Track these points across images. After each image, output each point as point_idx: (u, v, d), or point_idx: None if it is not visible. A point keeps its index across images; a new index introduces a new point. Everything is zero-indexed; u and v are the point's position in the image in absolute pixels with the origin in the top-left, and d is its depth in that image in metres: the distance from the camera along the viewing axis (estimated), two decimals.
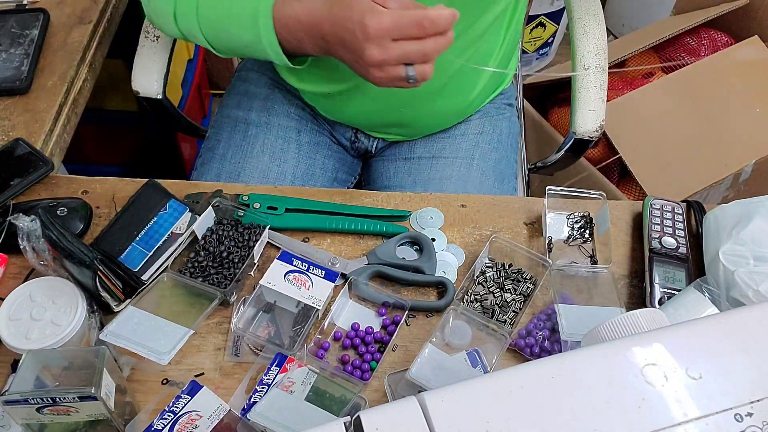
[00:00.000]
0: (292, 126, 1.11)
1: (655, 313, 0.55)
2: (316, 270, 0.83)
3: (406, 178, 1.10)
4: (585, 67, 1.12)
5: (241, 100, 1.14)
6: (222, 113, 1.16)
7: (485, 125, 1.14)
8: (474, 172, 1.09)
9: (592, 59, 1.12)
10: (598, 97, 1.11)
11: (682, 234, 0.88)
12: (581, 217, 0.92)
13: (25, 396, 0.64)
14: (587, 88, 1.11)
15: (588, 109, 1.11)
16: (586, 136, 1.11)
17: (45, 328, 0.73)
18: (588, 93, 1.11)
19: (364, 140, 1.15)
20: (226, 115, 1.14)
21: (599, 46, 1.13)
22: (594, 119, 1.11)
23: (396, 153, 1.14)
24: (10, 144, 0.94)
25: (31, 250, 0.75)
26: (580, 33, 1.15)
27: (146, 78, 1.10)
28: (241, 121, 1.12)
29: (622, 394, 0.45)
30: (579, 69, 1.13)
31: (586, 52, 1.13)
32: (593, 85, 1.11)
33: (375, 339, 0.81)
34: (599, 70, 1.12)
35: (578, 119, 1.11)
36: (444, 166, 1.09)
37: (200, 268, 0.83)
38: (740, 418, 0.43)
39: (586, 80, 1.12)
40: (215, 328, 0.81)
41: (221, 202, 0.88)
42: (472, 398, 0.45)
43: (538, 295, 0.85)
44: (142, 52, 1.11)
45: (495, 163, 1.11)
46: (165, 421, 0.71)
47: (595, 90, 1.11)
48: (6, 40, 1.07)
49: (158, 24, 0.97)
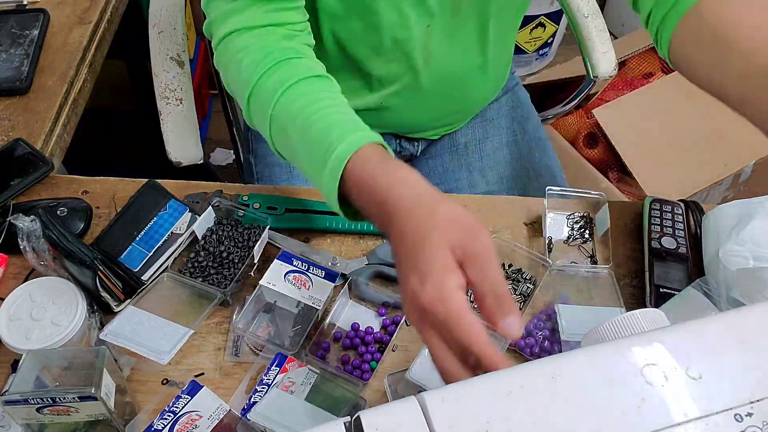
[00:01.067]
0: None
1: (655, 313, 0.55)
2: (316, 270, 0.83)
3: (459, 171, 1.12)
4: (585, 15, 1.18)
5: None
6: (266, 162, 1.09)
7: (512, 99, 1.18)
8: (523, 149, 1.12)
9: (586, 6, 1.18)
10: (604, 39, 1.18)
11: (682, 234, 0.88)
12: (581, 217, 0.92)
13: (25, 396, 0.64)
14: (591, 33, 1.18)
15: (601, 52, 1.17)
16: (606, 75, 1.17)
17: (45, 328, 0.73)
18: (594, 37, 1.17)
19: (408, 146, 1.14)
20: (275, 164, 1.08)
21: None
22: (608, 59, 1.17)
23: (441, 149, 1.15)
24: (10, 144, 0.94)
25: (31, 250, 0.75)
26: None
27: (185, 146, 1.03)
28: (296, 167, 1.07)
29: (622, 394, 0.45)
30: (579, 18, 1.18)
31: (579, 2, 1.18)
32: (597, 29, 1.18)
33: (375, 339, 0.80)
34: (596, 15, 1.18)
35: (595, 63, 1.18)
36: (494, 150, 1.12)
37: (200, 268, 0.83)
38: (740, 418, 0.43)
39: (589, 27, 1.18)
40: (215, 328, 0.81)
41: (221, 202, 0.88)
42: (472, 398, 0.45)
43: (538, 295, 0.85)
44: (168, 120, 1.03)
45: (534, 133, 1.15)
46: (165, 421, 0.71)
47: (599, 33, 1.17)
48: (6, 40, 1.07)
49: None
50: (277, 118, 0.73)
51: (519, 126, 1.15)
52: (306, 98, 0.72)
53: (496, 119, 1.15)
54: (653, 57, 1.73)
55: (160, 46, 1.08)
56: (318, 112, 0.70)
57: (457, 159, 1.13)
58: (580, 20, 1.18)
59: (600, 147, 1.66)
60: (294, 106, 0.72)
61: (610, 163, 1.66)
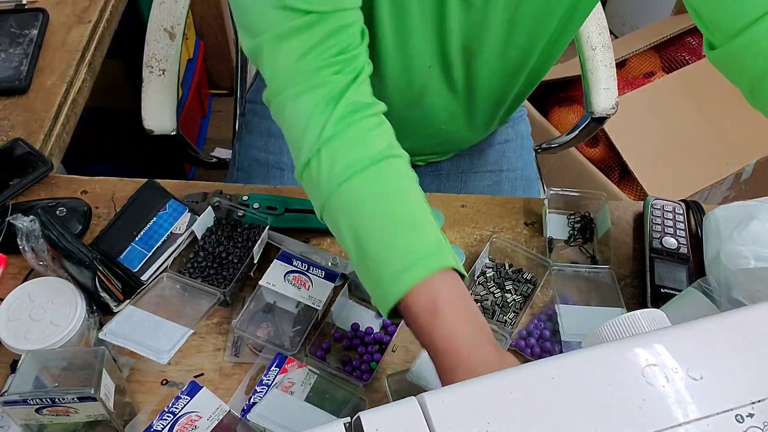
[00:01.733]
0: None
1: (656, 314, 0.54)
2: (316, 270, 0.83)
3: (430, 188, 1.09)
4: (592, 47, 1.14)
5: (268, 141, 1.09)
6: (248, 155, 1.09)
7: (509, 132, 1.14)
8: (504, 185, 1.09)
9: (597, 38, 1.15)
10: (609, 75, 1.14)
11: (682, 234, 0.88)
12: (582, 217, 0.92)
13: (24, 396, 0.64)
14: (597, 67, 1.14)
15: (603, 88, 1.14)
16: (604, 113, 1.14)
17: (44, 328, 0.73)
18: (599, 72, 1.14)
19: None
20: (254, 158, 1.09)
21: (601, 25, 1.16)
22: (609, 96, 1.14)
23: (422, 172, 1.12)
24: (10, 144, 0.94)
25: (31, 250, 0.75)
26: None
27: (159, 115, 1.05)
28: (273, 165, 1.06)
29: (623, 394, 0.44)
30: (587, 50, 1.14)
31: (590, 32, 1.15)
32: (603, 64, 1.14)
33: (375, 339, 0.80)
34: (606, 48, 1.14)
35: (594, 98, 1.13)
36: (475, 181, 1.09)
37: (200, 268, 0.83)
38: (741, 418, 0.43)
39: (595, 60, 1.14)
40: (215, 328, 0.81)
41: (221, 202, 0.88)
42: (472, 398, 0.45)
43: (539, 295, 0.85)
44: (149, 87, 1.05)
45: (522, 170, 1.11)
46: (164, 421, 0.71)
47: (605, 68, 1.14)
48: (5, 39, 1.07)
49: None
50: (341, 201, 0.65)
51: (507, 161, 1.11)
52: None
53: (485, 152, 1.12)
54: (654, 56, 1.73)
55: (158, 16, 1.08)
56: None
57: (437, 184, 1.10)
58: (587, 52, 1.15)
59: (601, 146, 1.66)
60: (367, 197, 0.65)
61: (610, 163, 1.66)
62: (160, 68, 1.07)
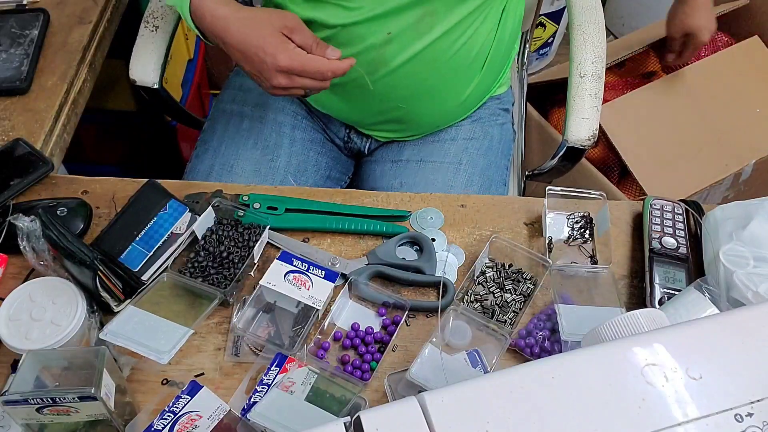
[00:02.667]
0: (287, 121, 1.12)
1: (655, 314, 0.55)
2: (316, 270, 0.83)
3: (392, 181, 1.10)
4: (581, 74, 1.12)
5: (237, 94, 1.15)
6: (218, 107, 1.17)
7: (476, 131, 1.14)
8: (460, 178, 1.08)
9: (589, 67, 1.12)
10: (592, 106, 1.10)
11: (682, 234, 0.88)
12: (581, 217, 0.92)
13: (25, 396, 0.64)
14: (582, 96, 1.11)
15: (581, 117, 1.09)
16: (578, 144, 1.09)
17: (45, 328, 0.73)
18: (582, 101, 1.10)
19: (357, 140, 1.15)
20: (222, 109, 1.15)
21: (597, 54, 1.13)
22: (587, 127, 1.09)
23: (385, 155, 1.14)
24: (10, 144, 0.94)
25: (31, 250, 0.75)
26: (580, 41, 1.15)
27: (143, 67, 1.10)
28: (236, 114, 1.12)
29: (622, 394, 0.45)
30: (575, 77, 1.12)
31: (583, 60, 1.13)
32: (588, 93, 1.11)
33: (375, 339, 0.80)
34: (595, 78, 1.12)
35: (571, 126, 1.09)
36: (431, 170, 1.09)
37: (200, 268, 0.83)
38: (740, 418, 0.43)
39: (582, 88, 1.11)
40: (215, 328, 0.81)
41: (221, 202, 0.88)
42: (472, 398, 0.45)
43: (538, 295, 0.85)
44: (140, 41, 1.11)
45: (483, 169, 1.11)
46: (165, 421, 0.71)
47: (589, 98, 1.10)
48: (6, 40, 1.07)
49: None
50: None
51: (468, 158, 1.11)
52: None
53: (447, 144, 1.12)
54: (653, 57, 1.73)
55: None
56: None
57: (394, 170, 1.11)
58: (575, 79, 1.12)
59: (600, 147, 1.66)
60: None
61: (610, 163, 1.66)
62: (154, 24, 1.11)
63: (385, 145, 1.15)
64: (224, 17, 0.88)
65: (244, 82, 1.16)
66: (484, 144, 1.13)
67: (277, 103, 1.13)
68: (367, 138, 1.15)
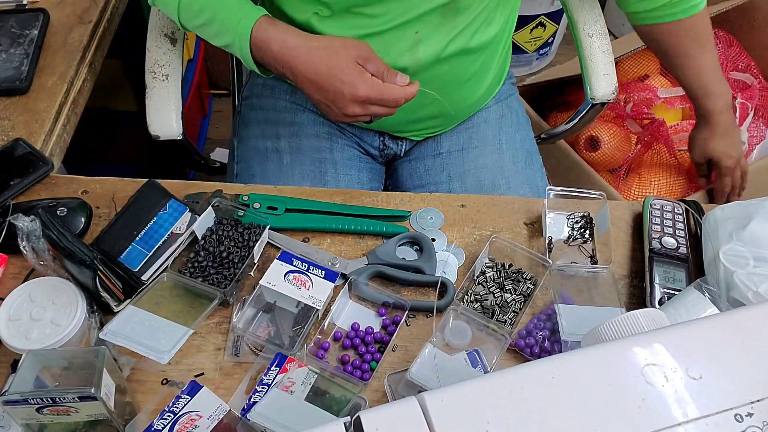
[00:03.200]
0: (324, 146, 1.10)
1: (655, 314, 0.55)
2: (316, 270, 0.83)
3: (439, 174, 1.11)
4: (589, 34, 1.16)
5: (265, 129, 1.12)
6: (246, 146, 1.12)
7: (503, 109, 1.16)
8: (506, 157, 1.11)
9: (593, 26, 1.17)
10: (607, 61, 1.16)
11: (682, 234, 0.88)
12: (581, 217, 0.92)
13: (24, 396, 0.64)
14: (595, 54, 1.16)
15: (601, 74, 1.15)
16: (604, 99, 1.15)
17: (45, 328, 0.73)
18: (597, 59, 1.15)
19: (392, 144, 1.14)
20: (253, 147, 1.11)
21: (596, 13, 1.18)
22: (608, 82, 1.15)
23: (424, 151, 1.14)
24: (10, 144, 0.94)
25: (31, 250, 0.75)
26: (576, 3, 1.18)
27: (165, 120, 1.06)
28: (272, 150, 1.09)
29: (622, 394, 0.45)
30: (584, 38, 1.17)
31: (586, 20, 1.17)
32: (600, 50, 1.16)
33: (375, 339, 0.80)
34: (602, 35, 1.17)
35: (594, 85, 1.15)
36: (476, 156, 1.11)
37: (200, 268, 0.83)
38: (740, 418, 0.43)
39: (593, 47, 1.16)
40: (215, 328, 0.81)
41: (221, 202, 0.88)
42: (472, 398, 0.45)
43: (538, 295, 0.85)
44: (153, 94, 1.07)
45: (521, 143, 1.14)
46: (165, 421, 0.71)
47: (603, 55, 1.15)
48: (6, 40, 1.07)
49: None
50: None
51: (506, 136, 1.13)
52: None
53: (482, 127, 1.14)
54: (649, 58, 1.72)
55: (157, 22, 1.09)
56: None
57: (439, 164, 1.12)
58: (584, 39, 1.16)
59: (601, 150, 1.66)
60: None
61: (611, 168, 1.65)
62: (163, 74, 1.07)
63: (420, 143, 1.15)
64: (296, 47, 0.87)
65: (268, 116, 1.13)
66: (513, 120, 1.16)
67: (311, 129, 1.11)
68: (402, 141, 1.14)
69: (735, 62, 1.70)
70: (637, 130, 1.60)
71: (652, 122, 1.57)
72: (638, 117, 1.60)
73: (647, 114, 1.59)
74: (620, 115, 1.62)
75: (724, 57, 1.69)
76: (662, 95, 1.65)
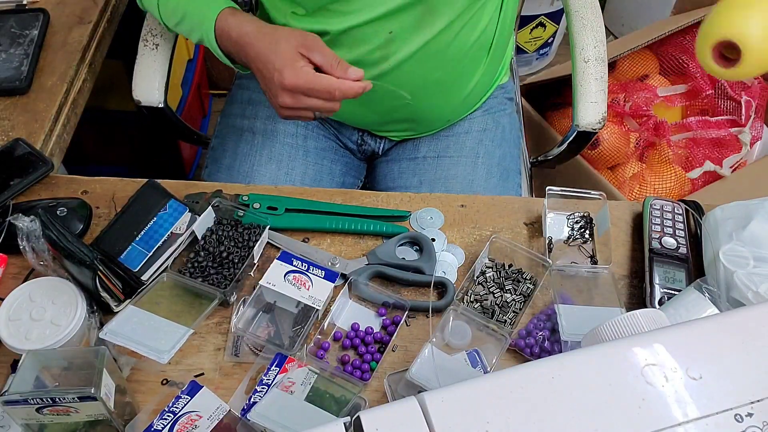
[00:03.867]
0: (299, 132, 1.11)
1: (655, 314, 0.55)
2: (316, 270, 0.83)
3: (411, 179, 1.10)
4: (585, 59, 1.13)
5: (246, 108, 1.14)
6: (226, 122, 1.15)
7: (488, 122, 1.14)
8: (479, 171, 1.09)
9: (592, 51, 1.13)
10: (599, 89, 1.12)
11: (682, 234, 0.88)
12: (581, 217, 0.92)
13: (24, 396, 0.64)
14: (588, 80, 1.12)
15: (590, 102, 1.11)
16: (589, 128, 1.11)
17: (45, 328, 0.73)
18: (589, 85, 1.11)
19: (371, 141, 1.15)
20: (231, 125, 1.14)
21: (598, 38, 1.14)
22: (596, 110, 1.11)
23: (401, 153, 1.14)
24: (10, 144, 0.94)
25: (31, 250, 0.75)
26: (579, 26, 1.15)
27: (147, 87, 1.10)
28: (247, 130, 1.11)
29: (622, 394, 0.45)
30: (579, 62, 1.13)
31: (585, 45, 1.13)
32: (594, 77, 1.12)
33: (375, 339, 0.80)
34: (599, 61, 1.13)
35: (580, 112, 1.11)
36: (449, 165, 1.10)
37: (200, 268, 0.83)
38: (740, 418, 0.43)
39: (587, 72, 1.12)
40: (215, 328, 0.81)
41: (221, 202, 0.88)
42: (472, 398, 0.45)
43: (538, 295, 0.85)
44: (141, 60, 1.10)
45: (499, 159, 1.12)
46: (165, 421, 0.71)
47: (595, 82, 1.12)
48: (6, 40, 1.07)
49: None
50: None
51: (485, 150, 1.11)
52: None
53: (462, 137, 1.13)
54: (648, 58, 1.72)
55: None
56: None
57: (413, 168, 1.12)
58: (579, 64, 1.13)
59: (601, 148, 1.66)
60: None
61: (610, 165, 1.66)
62: (154, 43, 1.10)
63: (399, 144, 1.15)
64: (248, 33, 0.88)
65: (252, 96, 1.15)
66: (498, 134, 1.14)
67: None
68: (380, 139, 1.14)
69: None
70: (636, 128, 1.61)
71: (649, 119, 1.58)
72: (637, 115, 1.60)
73: (646, 112, 1.59)
74: (619, 114, 1.62)
75: None
76: (662, 93, 1.65)
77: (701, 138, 1.61)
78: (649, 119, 1.59)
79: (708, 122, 1.63)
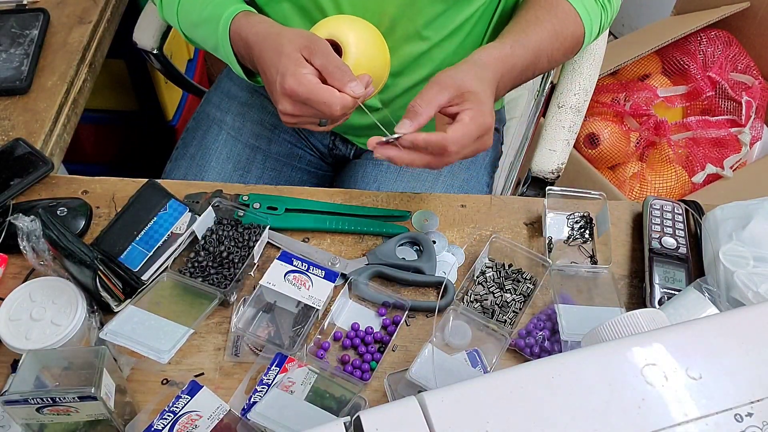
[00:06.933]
0: (264, 135, 1.11)
1: (655, 314, 0.55)
2: (316, 270, 0.83)
3: (370, 185, 1.08)
4: (560, 104, 1.06)
5: (222, 100, 1.14)
6: (203, 109, 1.15)
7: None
8: (438, 188, 1.07)
9: (570, 98, 1.06)
10: (563, 138, 1.04)
11: (682, 234, 0.88)
12: (581, 217, 0.92)
13: (25, 396, 0.64)
14: (554, 126, 1.05)
15: (548, 149, 1.03)
16: (540, 175, 1.03)
17: (45, 328, 0.73)
18: (554, 132, 1.04)
19: (341, 146, 1.14)
20: (206, 113, 1.14)
21: (583, 87, 1.07)
22: (553, 160, 1.03)
23: (367, 158, 1.13)
24: (10, 144, 0.94)
25: (31, 250, 0.75)
26: (568, 69, 1.09)
27: (146, 32, 1.19)
28: (216, 122, 1.11)
29: (622, 394, 0.45)
30: (553, 105, 1.07)
31: (566, 90, 1.07)
32: (560, 124, 1.05)
33: (375, 339, 0.81)
34: (574, 111, 1.06)
35: (536, 156, 1.04)
36: (410, 178, 1.08)
37: (200, 268, 0.83)
38: (740, 418, 0.43)
39: (557, 118, 1.06)
40: (215, 328, 0.81)
41: (221, 202, 0.88)
42: (472, 398, 0.45)
43: (538, 295, 0.85)
44: (147, 11, 1.20)
45: (463, 182, 1.09)
46: (165, 421, 0.71)
47: (562, 130, 1.04)
48: (6, 40, 1.07)
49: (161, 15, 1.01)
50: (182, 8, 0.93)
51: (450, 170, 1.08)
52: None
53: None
54: (649, 58, 1.72)
55: None
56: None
57: (375, 174, 1.09)
58: (551, 108, 1.05)
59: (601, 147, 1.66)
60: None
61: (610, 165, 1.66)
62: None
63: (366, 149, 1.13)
64: (257, 33, 0.84)
65: (231, 89, 1.15)
66: (469, 161, 1.10)
67: (258, 115, 1.11)
68: (351, 145, 1.14)
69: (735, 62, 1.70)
70: (637, 127, 1.61)
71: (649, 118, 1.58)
72: (637, 115, 1.60)
73: (646, 111, 1.59)
74: (619, 113, 1.62)
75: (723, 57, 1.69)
76: (662, 94, 1.65)
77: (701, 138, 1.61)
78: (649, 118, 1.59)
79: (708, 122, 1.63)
